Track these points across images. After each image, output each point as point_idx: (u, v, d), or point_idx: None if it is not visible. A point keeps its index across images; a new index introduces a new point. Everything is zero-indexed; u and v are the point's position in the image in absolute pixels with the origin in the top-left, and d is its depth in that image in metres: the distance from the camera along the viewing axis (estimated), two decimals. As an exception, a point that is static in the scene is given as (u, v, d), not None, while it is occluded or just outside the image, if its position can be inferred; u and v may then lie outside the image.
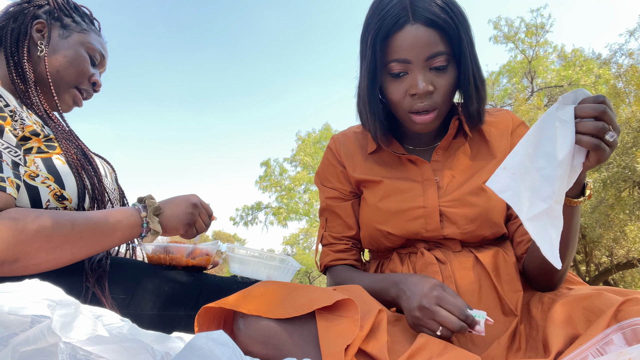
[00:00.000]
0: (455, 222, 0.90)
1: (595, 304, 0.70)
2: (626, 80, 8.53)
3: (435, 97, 0.88)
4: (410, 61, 0.85)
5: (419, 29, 0.83)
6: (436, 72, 0.87)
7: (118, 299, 0.87)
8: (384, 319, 0.70)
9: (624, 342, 0.59)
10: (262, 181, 15.07)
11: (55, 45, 1.03)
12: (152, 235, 0.95)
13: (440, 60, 0.85)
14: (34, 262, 0.77)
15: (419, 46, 0.84)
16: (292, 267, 1.10)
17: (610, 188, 7.72)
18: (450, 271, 0.88)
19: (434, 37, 0.84)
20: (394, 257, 0.97)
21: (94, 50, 1.09)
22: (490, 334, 0.82)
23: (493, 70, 12.97)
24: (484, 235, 0.91)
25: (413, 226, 0.92)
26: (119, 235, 0.88)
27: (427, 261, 0.90)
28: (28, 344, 0.43)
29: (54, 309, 0.45)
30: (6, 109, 0.84)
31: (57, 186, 0.88)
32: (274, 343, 0.64)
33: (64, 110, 1.08)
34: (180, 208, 1.02)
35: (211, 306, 0.68)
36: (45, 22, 1.03)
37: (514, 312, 0.84)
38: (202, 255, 1.06)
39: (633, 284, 10.20)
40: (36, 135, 0.89)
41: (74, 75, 1.05)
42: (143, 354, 0.46)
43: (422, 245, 0.94)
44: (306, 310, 0.65)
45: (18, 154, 0.83)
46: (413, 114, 0.90)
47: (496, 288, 0.86)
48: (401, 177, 0.97)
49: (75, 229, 0.81)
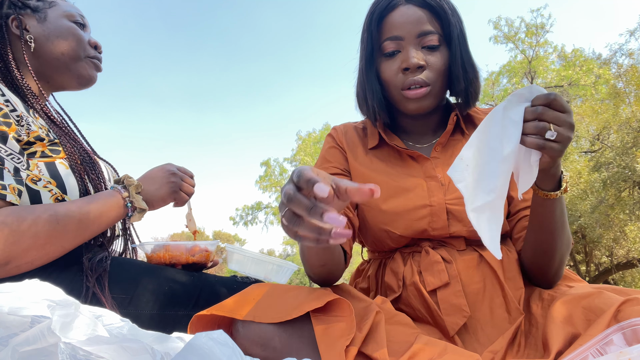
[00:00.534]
0: (461, 219, 0.90)
1: (595, 303, 0.70)
2: (626, 80, 8.54)
3: (428, 73, 0.91)
4: (403, 37, 0.90)
5: (411, 8, 0.90)
6: (428, 51, 0.91)
7: (118, 298, 0.87)
8: (382, 319, 0.70)
9: (624, 342, 0.59)
10: (262, 181, 15.08)
11: (41, 32, 1.00)
12: (138, 213, 0.96)
13: (432, 39, 0.90)
14: (25, 261, 0.78)
15: (410, 23, 0.90)
16: (289, 267, 1.10)
17: (610, 188, 7.73)
18: (456, 270, 0.88)
19: (425, 17, 0.90)
20: (396, 257, 0.96)
21: (73, 16, 1.05)
22: (496, 332, 0.82)
23: (493, 70, 12.99)
24: None
25: (419, 225, 0.91)
26: (104, 220, 0.89)
27: (433, 260, 0.89)
28: (28, 344, 0.43)
29: (54, 309, 0.45)
30: (12, 114, 0.85)
31: (59, 190, 0.88)
32: (273, 346, 0.64)
33: (90, 81, 1.08)
34: (161, 180, 1.03)
35: (204, 314, 0.67)
36: (16, 15, 0.98)
37: (520, 309, 0.84)
38: (202, 251, 1.06)
39: (633, 284, 10.20)
40: (40, 140, 0.89)
41: (77, 48, 1.03)
42: (143, 354, 0.46)
43: (426, 244, 0.93)
44: (298, 313, 0.65)
45: (21, 160, 0.83)
46: (405, 90, 0.92)
47: (502, 286, 0.86)
48: (402, 174, 0.97)
49: (61, 223, 0.82)
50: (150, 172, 1.05)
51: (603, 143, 9.86)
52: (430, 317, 0.86)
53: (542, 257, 0.84)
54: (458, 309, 0.83)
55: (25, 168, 0.84)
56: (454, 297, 0.85)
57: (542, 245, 0.83)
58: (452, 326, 0.82)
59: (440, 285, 0.86)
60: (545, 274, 0.87)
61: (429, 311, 0.86)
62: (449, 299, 0.85)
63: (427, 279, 0.88)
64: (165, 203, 1.07)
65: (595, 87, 10.47)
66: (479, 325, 0.84)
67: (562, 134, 0.66)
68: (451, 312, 0.84)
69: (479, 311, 0.84)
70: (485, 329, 0.83)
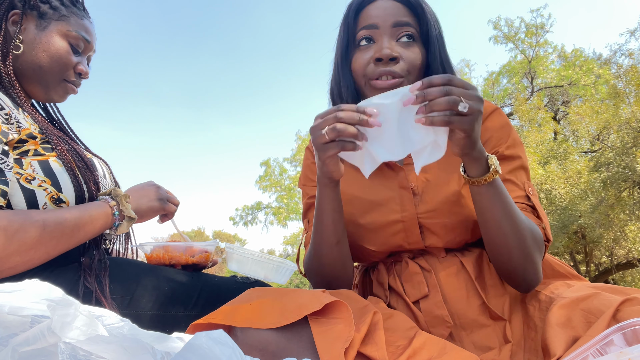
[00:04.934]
0: (435, 232, 0.88)
1: (594, 304, 0.69)
2: (626, 80, 8.53)
3: (402, 65, 0.88)
4: (378, 26, 0.89)
5: (389, 2, 0.90)
6: (403, 44, 0.89)
7: (118, 299, 0.87)
8: (379, 319, 0.69)
9: (624, 343, 0.59)
10: (262, 181, 15.06)
11: (32, 39, 0.97)
12: (127, 222, 0.96)
13: (407, 31, 0.89)
14: (8, 266, 0.77)
15: (385, 14, 0.89)
16: (289, 267, 1.10)
17: (610, 188, 7.72)
18: (436, 280, 0.87)
19: (401, 10, 0.90)
20: (380, 267, 0.96)
21: (76, 38, 1.02)
22: (481, 339, 0.81)
23: (493, 70, 12.99)
24: (466, 240, 0.90)
25: (394, 241, 0.90)
26: (90, 229, 0.89)
27: (412, 271, 0.89)
28: (28, 344, 0.43)
29: (54, 309, 0.45)
30: (0, 112, 0.84)
31: (54, 189, 0.87)
32: (273, 350, 0.64)
33: (58, 100, 1.06)
34: (147, 190, 1.06)
35: (200, 323, 0.66)
36: (20, 12, 0.96)
37: (502, 317, 0.83)
38: (202, 252, 1.06)
39: (633, 284, 10.19)
40: (33, 137, 0.88)
41: (57, 70, 1.00)
42: (143, 354, 0.46)
43: (406, 255, 0.92)
44: (296, 317, 0.64)
45: (4, 160, 0.81)
46: (374, 80, 0.89)
47: (482, 294, 0.85)
48: (378, 185, 0.94)
49: (47, 229, 0.81)
50: (135, 186, 1.07)
51: (603, 143, 9.86)
52: (419, 326, 0.85)
53: (498, 254, 0.81)
54: (441, 320, 0.83)
55: (11, 167, 0.82)
56: (435, 308, 0.84)
57: (495, 240, 0.80)
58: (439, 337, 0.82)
59: (420, 297, 0.86)
60: (511, 274, 0.82)
61: (416, 321, 0.85)
62: (431, 310, 0.84)
63: (407, 290, 0.88)
64: (156, 214, 1.08)
65: (595, 87, 10.46)
66: (464, 333, 0.83)
67: (473, 107, 0.65)
68: (435, 323, 0.83)
69: (463, 318, 0.84)
70: (471, 336, 0.83)
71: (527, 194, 0.88)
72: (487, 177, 0.74)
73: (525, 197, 0.88)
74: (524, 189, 0.89)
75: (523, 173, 0.91)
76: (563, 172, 8.90)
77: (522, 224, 0.78)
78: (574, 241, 9.23)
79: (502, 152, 0.90)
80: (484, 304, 0.84)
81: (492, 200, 0.76)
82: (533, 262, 0.80)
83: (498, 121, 0.93)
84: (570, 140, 10.61)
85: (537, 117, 10.01)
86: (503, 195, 0.77)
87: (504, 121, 0.94)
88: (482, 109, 0.68)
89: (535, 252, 0.80)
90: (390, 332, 0.71)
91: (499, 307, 0.84)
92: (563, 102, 11.73)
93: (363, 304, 0.74)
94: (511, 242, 0.78)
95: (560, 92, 11.51)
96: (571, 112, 10.25)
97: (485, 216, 0.79)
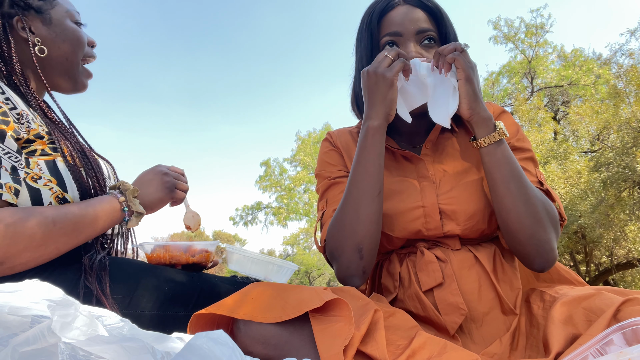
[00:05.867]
0: (454, 218, 0.90)
1: (596, 303, 0.70)
2: (626, 80, 8.54)
3: None
4: (402, 34, 0.95)
5: (410, 8, 0.96)
6: (426, 48, 0.96)
7: (118, 299, 0.87)
8: (380, 318, 0.69)
9: (624, 342, 0.59)
10: (262, 181, 15.07)
11: (47, 35, 0.99)
12: (135, 217, 0.96)
13: (429, 36, 0.96)
14: (19, 262, 0.78)
15: (409, 21, 0.95)
16: (289, 267, 1.10)
17: (610, 188, 7.73)
18: (452, 270, 0.88)
19: (423, 16, 0.96)
20: (393, 258, 0.97)
21: (74, 15, 1.04)
22: (490, 332, 0.82)
23: (493, 70, 13.00)
24: (482, 229, 0.91)
25: (414, 226, 0.92)
26: (100, 224, 0.89)
27: (427, 260, 0.89)
28: (28, 344, 0.43)
29: (54, 309, 0.45)
30: (12, 112, 0.84)
31: (60, 188, 0.88)
32: (275, 343, 0.64)
33: (82, 88, 1.09)
34: (156, 182, 1.04)
35: (202, 313, 0.67)
36: (21, 16, 0.96)
37: (514, 311, 0.84)
38: (202, 252, 1.07)
39: (633, 284, 10.20)
40: (40, 138, 0.89)
41: (80, 52, 1.04)
42: (143, 354, 0.46)
43: (422, 244, 0.93)
44: (297, 312, 0.64)
45: (18, 159, 0.83)
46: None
47: (495, 288, 0.86)
48: (396, 175, 0.97)
49: (57, 225, 0.82)
50: (142, 175, 1.05)
51: (603, 143, 9.87)
52: (427, 317, 0.86)
53: (509, 220, 0.83)
54: (455, 308, 0.84)
55: (23, 167, 0.83)
56: (450, 295, 0.85)
57: (504, 204, 0.83)
58: (452, 325, 0.82)
59: (435, 285, 0.87)
60: (524, 245, 0.83)
61: (425, 311, 0.86)
62: (446, 298, 0.85)
63: (422, 278, 0.88)
64: (164, 204, 1.07)
65: (595, 87, 10.47)
66: (474, 326, 0.84)
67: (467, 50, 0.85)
68: (449, 310, 0.84)
69: (474, 311, 0.85)
70: (480, 330, 0.83)
71: (539, 180, 0.93)
72: (495, 136, 0.84)
73: (537, 182, 0.92)
74: (535, 175, 0.94)
75: (533, 164, 0.97)
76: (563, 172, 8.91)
77: (531, 191, 0.84)
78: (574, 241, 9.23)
79: (512, 143, 0.97)
80: (496, 297, 0.85)
81: (500, 160, 0.83)
82: (545, 232, 0.83)
83: (508, 119, 1.01)
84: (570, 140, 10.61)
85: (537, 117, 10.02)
86: (511, 159, 0.84)
87: (513, 120, 1.01)
88: (474, 68, 0.86)
89: (548, 223, 0.83)
90: (391, 331, 0.71)
91: (512, 301, 0.86)
92: (563, 102, 11.74)
93: (364, 302, 0.74)
94: (520, 206, 0.82)
95: (560, 92, 11.53)
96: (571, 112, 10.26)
97: (493, 176, 0.84)
